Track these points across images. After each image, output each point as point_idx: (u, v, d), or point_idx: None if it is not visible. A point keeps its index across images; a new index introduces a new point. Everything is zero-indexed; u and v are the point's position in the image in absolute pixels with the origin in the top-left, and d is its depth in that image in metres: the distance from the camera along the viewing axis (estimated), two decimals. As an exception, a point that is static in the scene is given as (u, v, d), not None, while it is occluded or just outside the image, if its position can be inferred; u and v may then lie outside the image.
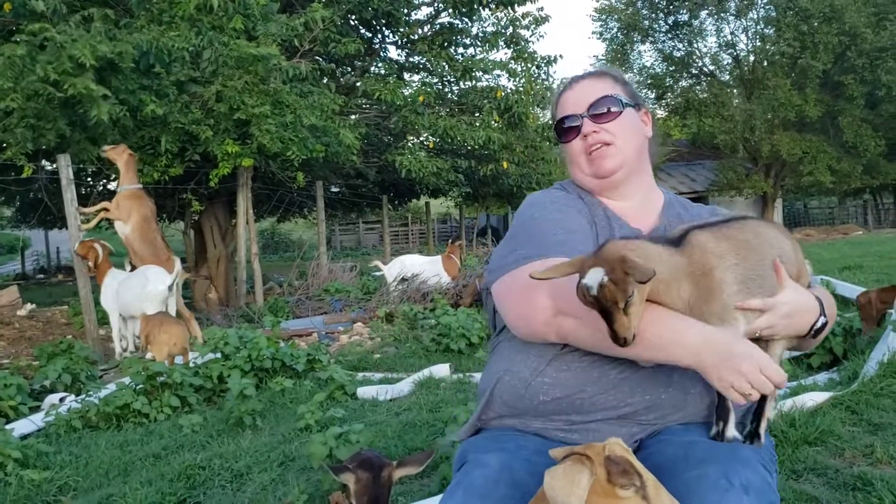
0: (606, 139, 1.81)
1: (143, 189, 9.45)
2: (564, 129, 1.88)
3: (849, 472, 3.03)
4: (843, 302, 6.75)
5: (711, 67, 29.29)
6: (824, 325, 1.61)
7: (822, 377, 4.57)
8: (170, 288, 8.03)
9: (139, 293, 7.96)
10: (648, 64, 30.23)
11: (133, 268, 9.20)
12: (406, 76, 16.68)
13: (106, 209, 9.43)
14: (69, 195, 8.76)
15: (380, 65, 16.49)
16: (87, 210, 9.38)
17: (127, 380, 5.60)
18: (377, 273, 12.20)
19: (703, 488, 1.41)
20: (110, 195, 12.59)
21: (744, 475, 1.42)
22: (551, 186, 2.01)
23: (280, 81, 9.99)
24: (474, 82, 15.96)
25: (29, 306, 11.29)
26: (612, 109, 1.83)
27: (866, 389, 3.95)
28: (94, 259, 8.63)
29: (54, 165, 11.29)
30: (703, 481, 1.42)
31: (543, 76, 16.16)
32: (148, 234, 9.24)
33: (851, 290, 6.85)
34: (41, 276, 25.43)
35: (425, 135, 15.62)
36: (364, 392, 5.47)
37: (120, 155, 9.07)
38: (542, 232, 1.74)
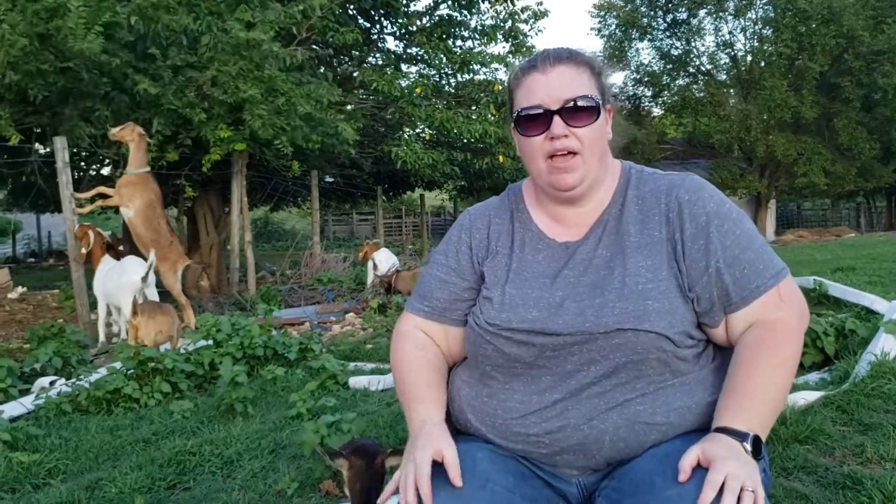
0: (574, 147, 1.61)
1: (148, 173, 9.31)
2: (528, 121, 1.63)
3: (839, 470, 3.03)
4: (835, 303, 6.78)
5: (709, 66, 29.33)
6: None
7: (813, 376, 4.56)
8: (144, 279, 7.95)
9: (116, 283, 7.93)
10: (646, 62, 30.28)
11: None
12: (403, 67, 16.64)
13: (102, 195, 9.35)
14: (64, 178, 8.72)
15: (377, 55, 16.44)
16: (81, 195, 9.31)
17: (118, 365, 5.59)
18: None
19: None
20: (103, 179, 12.54)
21: None
22: (493, 198, 1.90)
23: (276, 69, 9.95)
24: (472, 75, 15.93)
25: (20, 289, 11.25)
26: (588, 114, 1.61)
27: (857, 389, 3.95)
28: (86, 245, 8.57)
29: (48, 149, 11.25)
30: (686, 499, 1.33)
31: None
32: (152, 220, 9.14)
33: (843, 291, 6.87)
34: (32, 259, 25.33)
35: (422, 126, 15.59)
36: (356, 382, 5.46)
37: (130, 134, 8.90)
38: (427, 280, 1.85)
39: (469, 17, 16.21)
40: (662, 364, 1.56)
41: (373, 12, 15.50)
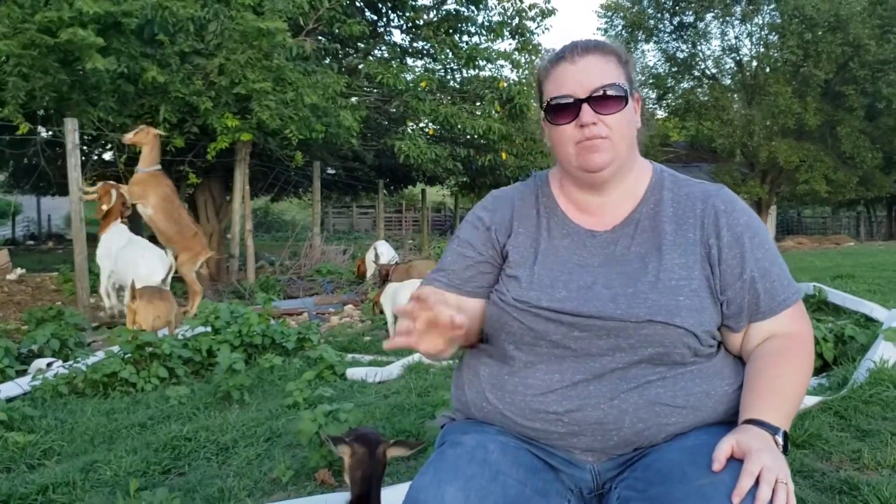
0: (603, 133, 1.63)
1: (160, 170, 9.33)
2: (558, 110, 1.67)
3: (835, 475, 3.04)
4: (834, 309, 6.78)
5: (714, 70, 29.30)
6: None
7: (811, 381, 4.56)
8: (164, 280, 7.98)
9: (133, 271, 7.88)
10: (651, 64, 30.23)
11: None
12: (409, 61, 16.64)
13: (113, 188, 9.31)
14: (73, 160, 8.67)
15: (383, 48, 16.44)
16: (90, 190, 9.28)
17: (115, 348, 5.58)
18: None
19: (719, 495, 1.35)
20: (106, 164, 12.52)
21: None
22: (516, 183, 1.92)
23: (283, 58, 9.95)
24: (477, 71, 15.93)
25: (19, 271, 11.24)
26: (617, 102, 1.65)
27: (855, 396, 3.95)
28: (107, 202, 8.51)
29: (49, 133, 11.23)
30: (721, 488, 1.36)
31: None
32: (171, 213, 9.19)
33: (843, 298, 6.87)
34: (31, 242, 25.30)
35: (425, 121, 15.59)
36: (353, 373, 5.46)
37: (145, 137, 8.97)
38: (444, 255, 1.85)
39: (476, 12, 16.21)
40: (683, 357, 1.60)
41: (380, 5, 15.51)
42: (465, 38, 16.40)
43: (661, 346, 1.57)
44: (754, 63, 27.86)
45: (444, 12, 16.03)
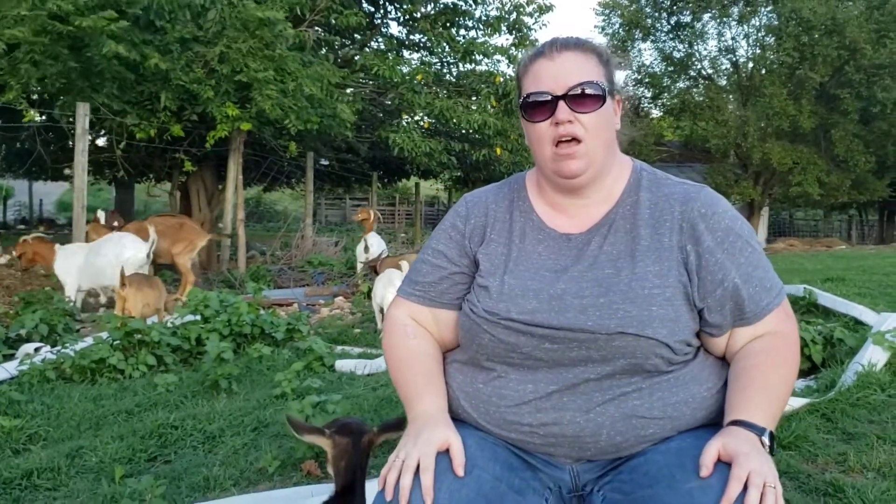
0: (579, 134, 1.59)
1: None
2: (534, 107, 1.62)
3: (821, 477, 3.04)
4: (824, 312, 6.79)
5: (710, 71, 29.28)
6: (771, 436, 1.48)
7: (799, 383, 4.56)
8: (147, 255, 7.96)
9: (114, 260, 7.84)
10: (648, 62, 30.19)
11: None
12: (406, 54, 16.62)
13: None
14: (81, 145, 8.60)
15: (380, 40, 16.40)
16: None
17: (104, 335, 5.56)
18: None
19: (708, 500, 1.33)
20: (100, 150, 12.46)
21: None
22: (492, 185, 1.88)
23: (284, 48, 9.94)
24: (474, 65, 15.92)
25: (9, 255, 11.15)
26: (594, 101, 1.60)
27: (843, 398, 3.96)
28: (30, 257, 8.44)
29: (43, 118, 11.16)
30: (709, 492, 1.34)
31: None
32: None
33: (833, 301, 6.88)
34: (22, 226, 25.17)
35: (421, 114, 15.56)
36: (342, 365, 5.45)
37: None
38: (418, 266, 1.82)
39: (474, 6, 16.19)
40: (657, 366, 1.56)
41: (378, -4, 15.47)
42: (462, 32, 16.39)
43: (633, 358, 1.54)
44: (750, 64, 27.86)
45: (441, 5, 16.00)
